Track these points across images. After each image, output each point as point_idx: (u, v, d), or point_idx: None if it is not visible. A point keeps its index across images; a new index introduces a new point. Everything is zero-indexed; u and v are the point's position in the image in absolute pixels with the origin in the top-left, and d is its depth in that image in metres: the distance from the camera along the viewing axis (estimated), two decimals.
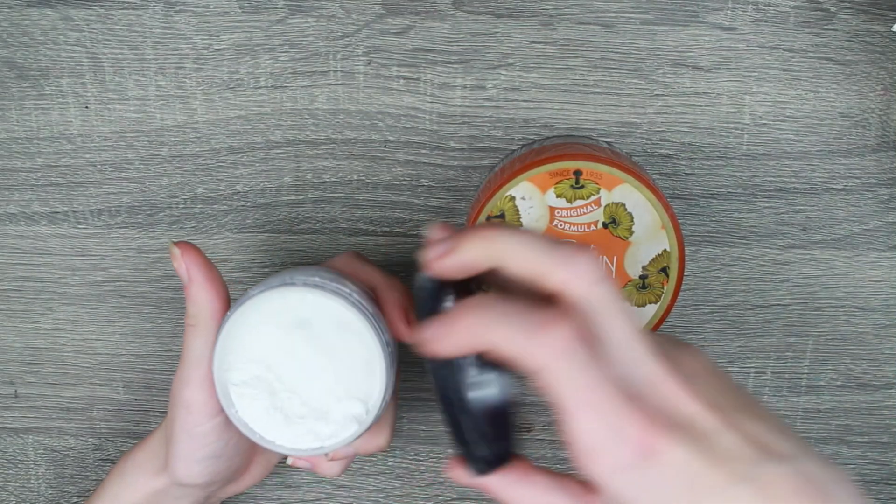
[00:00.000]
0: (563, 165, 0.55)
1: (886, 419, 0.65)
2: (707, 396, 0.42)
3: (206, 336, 0.54)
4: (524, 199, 0.56)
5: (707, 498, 0.41)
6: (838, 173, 0.62)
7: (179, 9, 0.60)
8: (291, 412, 0.53)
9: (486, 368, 0.46)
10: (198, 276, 0.54)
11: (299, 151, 0.62)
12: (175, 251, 0.54)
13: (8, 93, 0.62)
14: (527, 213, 0.56)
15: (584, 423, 0.41)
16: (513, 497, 0.46)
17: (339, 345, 0.52)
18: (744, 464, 0.41)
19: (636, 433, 0.41)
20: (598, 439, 0.41)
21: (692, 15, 0.60)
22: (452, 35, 0.60)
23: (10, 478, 0.68)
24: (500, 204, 0.56)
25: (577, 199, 0.56)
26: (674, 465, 0.41)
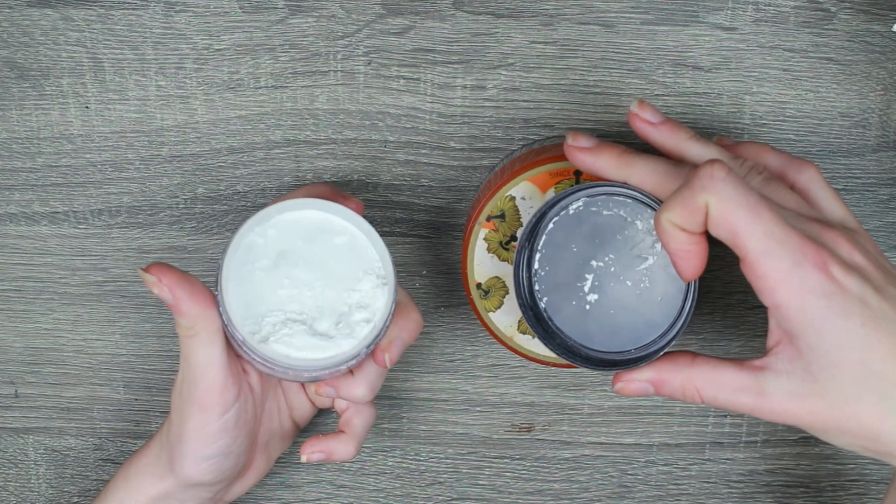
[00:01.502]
0: (564, 165, 0.55)
1: None
2: (872, 257, 0.50)
3: (209, 340, 0.54)
4: (524, 199, 0.56)
5: (886, 324, 0.48)
6: (838, 173, 0.62)
7: (180, 9, 0.60)
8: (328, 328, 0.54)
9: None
10: (182, 293, 0.54)
11: (299, 151, 0.62)
12: (150, 278, 0.54)
13: (8, 93, 0.62)
14: (527, 214, 0.56)
15: (771, 259, 0.48)
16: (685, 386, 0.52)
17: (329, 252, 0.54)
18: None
19: (820, 261, 0.48)
20: (786, 268, 0.48)
21: (692, 15, 0.60)
22: (452, 35, 0.60)
23: (10, 478, 0.68)
24: (501, 204, 0.56)
25: None
26: (853, 295, 0.48)
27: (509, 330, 0.58)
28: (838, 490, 0.66)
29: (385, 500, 0.67)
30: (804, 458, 0.66)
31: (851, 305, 0.48)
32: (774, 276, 0.48)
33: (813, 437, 0.65)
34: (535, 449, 0.66)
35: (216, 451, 0.56)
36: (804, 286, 0.48)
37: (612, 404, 0.65)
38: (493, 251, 0.57)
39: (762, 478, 0.66)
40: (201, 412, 0.55)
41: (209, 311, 0.54)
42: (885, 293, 0.49)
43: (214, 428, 0.55)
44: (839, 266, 0.48)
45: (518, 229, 0.56)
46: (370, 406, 0.58)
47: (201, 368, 0.54)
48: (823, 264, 0.48)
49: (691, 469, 0.66)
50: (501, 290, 0.57)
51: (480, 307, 0.58)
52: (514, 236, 0.56)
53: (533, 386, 0.65)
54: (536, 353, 0.58)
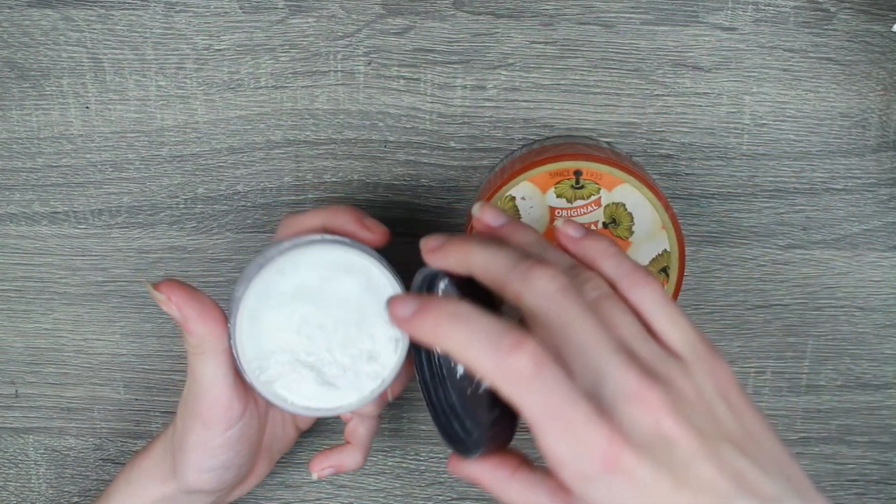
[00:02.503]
0: (564, 165, 0.55)
1: (886, 419, 0.65)
2: (692, 420, 0.42)
3: (216, 359, 0.54)
4: (524, 199, 0.56)
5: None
6: (838, 173, 0.62)
7: (180, 9, 0.60)
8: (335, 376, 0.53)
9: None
10: (191, 312, 0.53)
11: (299, 151, 0.62)
12: (160, 296, 0.53)
13: (9, 93, 0.62)
14: (527, 214, 0.56)
15: (551, 438, 0.42)
16: (500, 490, 0.47)
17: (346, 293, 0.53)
18: (713, 496, 0.40)
19: (601, 448, 0.41)
20: (565, 452, 0.42)
21: (692, 15, 0.60)
22: (452, 35, 0.60)
23: (10, 478, 0.68)
24: (501, 204, 0.56)
25: (578, 199, 0.56)
26: (639, 482, 0.41)
27: None
28: (839, 490, 0.66)
29: (385, 500, 0.67)
30: (804, 458, 0.66)
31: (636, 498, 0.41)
32: (554, 459, 0.42)
33: (813, 437, 0.66)
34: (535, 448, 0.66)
35: (218, 464, 0.56)
36: (584, 477, 0.42)
37: None
38: None
39: None
40: (205, 428, 0.55)
41: (217, 331, 0.54)
42: (689, 470, 0.41)
43: (217, 443, 0.55)
44: (630, 451, 0.41)
45: None
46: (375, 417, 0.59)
47: (206, 385, 0.54)
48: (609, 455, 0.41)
49: None
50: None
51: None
52: None
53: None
54: None
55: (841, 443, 0.66)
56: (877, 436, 0.65)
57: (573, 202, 0.56)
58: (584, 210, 0.56)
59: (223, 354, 0.54)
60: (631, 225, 0.56)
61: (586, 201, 0.56)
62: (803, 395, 0.65)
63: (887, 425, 0.65)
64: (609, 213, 0.56)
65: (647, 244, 0.56)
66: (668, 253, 0.56)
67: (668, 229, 0.56)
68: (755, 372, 0.65)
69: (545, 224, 0.56)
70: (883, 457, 0.66)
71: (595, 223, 0.56)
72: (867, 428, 0.65)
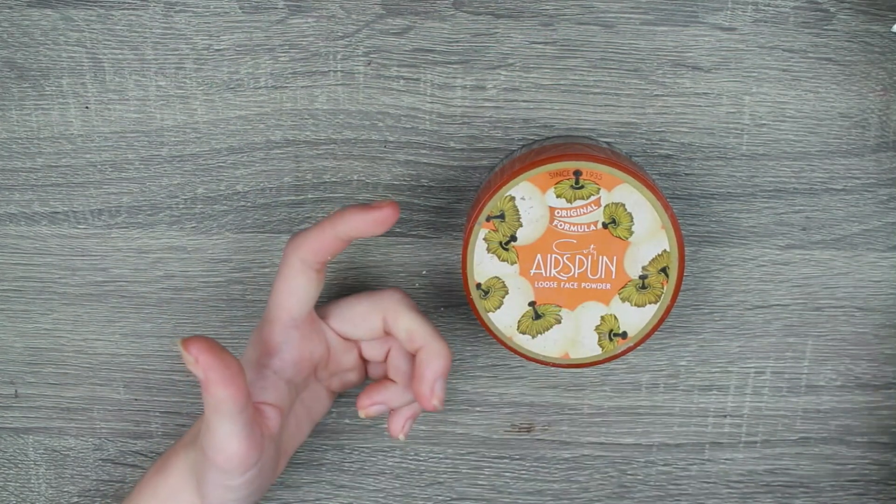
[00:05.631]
0: (563, 165, 0.55)
1: (886, 419, 0.65)
2: None
3: (232, 419, 0.54)
4: (524, 199, 0.56)
5: None
6: (838, 173, 0.62)
7: (179, 9, 0.60)
8: None
9: None
10: (216, 376, 0.53)
11: (299, 151, 0.62)
12: (188, 357, 0.53)
13: (8, 93, 0.62)
14: (527, 214, 0.56)
15: None
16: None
17: None
18: None
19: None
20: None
21: (692, 15, 0.60)
22: (452, 35, 0.60)
23: (10, 478, 0.68)
24: (500, 204, 0.56)
25: (577, 200, 0.56)
26: None
27: (509, 330, 0.58)
28: (838, 490, 0.66)
29: (385, 500, 0.67)
30: (804, 458, 0.66)
31: None
32: None
33: (812, 438, 0.66)
34: (535, 449, 0.66)
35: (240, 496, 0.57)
36: None
37: (612, 404, 0.65)
38: (493, 251, 0.57)
39: (762, 478, 0.66)
40: (223, 474, 0.55)
41: (238, 396, 0.53)
42: None
43: (237, 483, 0.56)
44: None
45: (518, 229, 0.56)
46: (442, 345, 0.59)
47: (223, 441, 0.54)
48: None
49: (691, 469, 0.66)
50: (501, 290, 0.57)
51: (480, 307, 0.58)
52: (514, 236, 0.57)
53: (533, 386, 0.65)
54: (536, 353, 0.58)
55: (841, 443, 0.66)
56: (876, 436, 0.65)
57: (573, 202, 0.56)
58: (584, 210, 0.56)
59: (240, 414, 0.54)
60: (630, 225, 0.56)
61: (586, 201, 0.56)
62: (803, 395, 0.65)
63: (887, 425, 0.65)
64: (609, 213, 0.56)
65: (647, 244, 0.56)
66: (668, 253, 0.56)
67: (668, 229, 0.56)
68: (755, 372, 0.65)
69: (545, 224, 0.56)
70: (883, 457, 0.66)
71: (595, 223, 0.56)
72: (867, 428, 0.65)
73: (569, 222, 0.56)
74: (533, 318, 0.58)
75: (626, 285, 0.57)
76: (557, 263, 0.57)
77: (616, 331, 0.58)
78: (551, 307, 0.57)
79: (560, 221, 0.56)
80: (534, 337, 0.58)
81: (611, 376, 0.65)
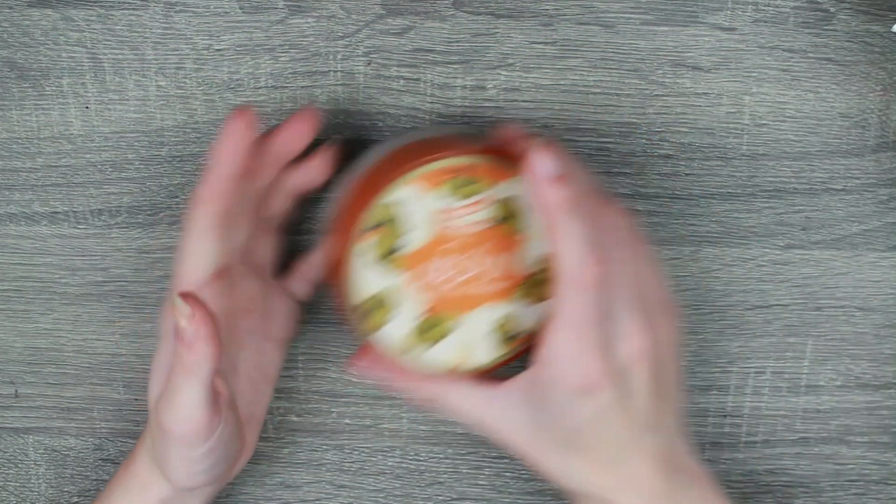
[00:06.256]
0: (449, 163, 0.52)
1: (886, 419, 0.65)
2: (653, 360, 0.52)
3: (202, 383, 0.53)
4: (407, 202, 0.52)
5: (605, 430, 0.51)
6: (838, 173, 0.62)
7: (179, 9, 0.60)
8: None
9: None
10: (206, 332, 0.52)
11: None
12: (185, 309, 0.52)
13: (8, 93, 0.62)
14: (411, 219, 0.52)
15: (562, 342, 0.50)
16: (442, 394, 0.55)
17: None
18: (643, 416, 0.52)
19: (594, 374, 0.50)
20: (565, 360, 0.50)
21: (692, 15, 0.60)
22: (452, 35, 0.60)
23: (10, 478, 0.68)
24: (381, 211, 0.52)
25: (466, 197, 0.52)
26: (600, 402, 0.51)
27: (399, 346, 0.54)
28: (838, 490, 0.66)
29: (385, 500, 0.67)
30: (804, 458, 0.66)
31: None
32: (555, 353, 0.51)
33: (812, 438, 0.66)
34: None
35: (207, 466, 0.56)
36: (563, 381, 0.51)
37: None
38: (377, 264, 0.53)
39: (762, 478, 0.66)
40: (187, 447, 0.55)
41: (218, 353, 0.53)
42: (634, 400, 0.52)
43: (200, 453, 0.55)
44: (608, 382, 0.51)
45: (402, 236, 0.52)
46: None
47: (187, 409, 0.53)
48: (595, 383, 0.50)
49: None
50: (389, 304, 0.53)
51: (365, 328, 0.54)
52: (399, 244, 0.52)
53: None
54: (430, 365, 0.54)
55: (840, 443, 0.66)
56: (876, 436, 0.65)
57: (462, 200, 0.52)
58: (474, 208, 0.52)
59: (209, 378, 0.53)
60: (523, 220, 0.53)
61: (475, 198, 0.52)
62: (803, 395, 0.65)
63: (887, 425, 0.65)
64: (501, 209, 0.53)
65: (541, 237, 0.53)
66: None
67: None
68: (755, 372, 0.65)
69: (433, 227, 0.52)
70: (883, 457, 0.66)
71: (487, 221, 0.53)
72: (867, 428, 0.65)
73: (457, 223, 0.53)
74: (425, 329, 0.54)
75: (520, 284, 0.54)
76: (448, 267, 0.53)
77: (512, 331, 0.54)
78: (444, 314, 0.53)
79: (448, 223, 0.53)
80: (427, 349, 0.54)
81: None
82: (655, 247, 0.63)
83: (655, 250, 0.61)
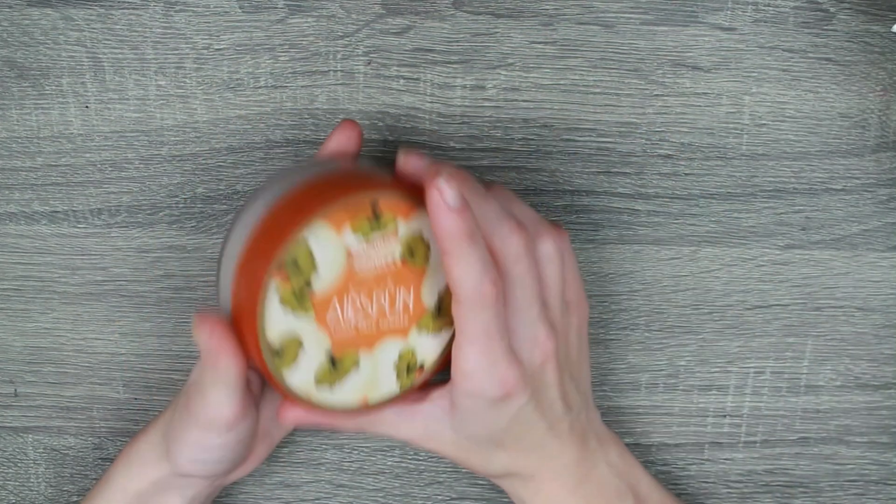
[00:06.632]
0: (357, 200, 0.51)
1: (886, 419, 0.65)
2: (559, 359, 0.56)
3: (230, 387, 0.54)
4: (319, 240, 0.51)
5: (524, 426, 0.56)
6: (837, 173, 0.62)
7: (179, 9, 0.60)
8: None
9: None
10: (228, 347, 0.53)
11: (299, 151, 0.62)
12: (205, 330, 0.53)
13: (8, 92, 0.62)
14: (322, 257, 0.51)
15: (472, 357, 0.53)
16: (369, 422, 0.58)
17: None
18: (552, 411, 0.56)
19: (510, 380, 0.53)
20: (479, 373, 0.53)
21: (692, 15, 0.60)
22: (452, 35, 0.60)
23: (9, 477, 0.68)
24: (293, 250, 0.51)
25: (375, 234, 0.52)
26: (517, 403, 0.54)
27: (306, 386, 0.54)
28: (837, 490, 0.66)
29: (384, 499, 0.67)
30: (803, 458, 0.66)
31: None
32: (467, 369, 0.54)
33: (812, 438, 0.66)
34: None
35: (213, 458, 0.57)
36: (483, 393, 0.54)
37: (612, 404, 0.65)
38: (287, 303, 0.52)
39: (761, 478, 0.66)
40: (204, 431, 0.56)
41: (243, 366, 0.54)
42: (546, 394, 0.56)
43: (215, 443, 0.56)
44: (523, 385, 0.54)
45: (312, 275, 0.51)
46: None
47: (214, 403, 0.55)
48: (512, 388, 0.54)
49: (690, 469, 0.66)
50: (296, 345, 0.53)
51: (273, 369, 0.53)
52: (309, 284, 0.52)
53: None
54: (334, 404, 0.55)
55: (840, 443, 0.66)
56: (876, 436, 0.66)
57: (370, 239, 0.52)
58: (382, 246, 0.52)
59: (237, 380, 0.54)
60: (427, 253, 0.53)
61: (383, 234, 0.52)
62: (802, 395, 0.65)
63: (886, 425, 0.65)
64: (406, 244, 0.53)
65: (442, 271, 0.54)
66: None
67: None
68: (754, 372, 0.65)
69: (342, 266, 0.52)
70: (882, 457, 0.66)
71: (393, 259, 0.53)
72: (866, 428, 0.65)
73: (366, 260, 0.52)
74: (331, 369, 0.54)
75: (423, 315, 0.54)
76: (356, 305, 0.53)
77: (413, 364, 0.55)
78: (349, 352, 0.53)
79: (357, 260, 0.52)
80: (332, 387, 0.54)
81: (610, 376, 0.65)
82: (647, 245, 0.63)
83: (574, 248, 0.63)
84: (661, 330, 0.64)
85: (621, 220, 0.63)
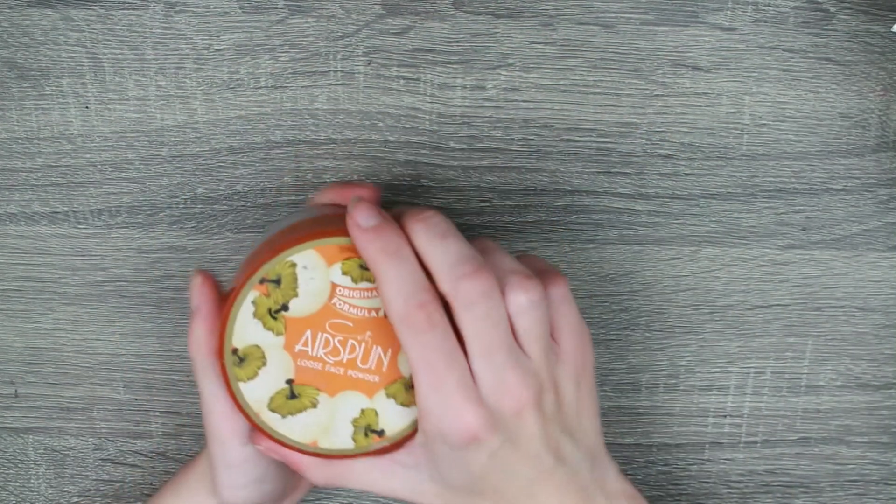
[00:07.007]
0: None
1: (886, 419, 0.65)
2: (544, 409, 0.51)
3: (209, 376, 0.54)
4: (306, 268, 0.51)
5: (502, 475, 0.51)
6: (838, 173, 0.62)
7: (179, 9, 0.60)
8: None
9: None
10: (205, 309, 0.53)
11: (299, 151, 0.62)
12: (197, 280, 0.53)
13: (8, 93, 0.62)
14: (305, 284, 0.51)
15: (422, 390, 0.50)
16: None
17: None
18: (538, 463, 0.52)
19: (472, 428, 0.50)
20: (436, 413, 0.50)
21: (692, 15, 0.60)
22: (452, 35, 0.60)
23: (10, 477, 0.68)
24: (279, 268, 0.51)
25: (364, 281, 0.52)
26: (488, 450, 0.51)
27: (258, 405, 0.53)
28: (838, 490, 0.66)
29: (384, 499, 0.67)
30: (804, 458, 0.66)
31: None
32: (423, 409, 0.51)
33: (812, 438, 0.66)
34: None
35: (249, 480, 0.56)
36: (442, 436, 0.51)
37: (612, 404, 0.65)
38: (260, 317, 0.52)
39: (762, 478, 0.66)
40: (221, 445, 0.55)
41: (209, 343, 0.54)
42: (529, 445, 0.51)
43: (236, 458, 0.55)
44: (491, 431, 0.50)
45: (292, 299, 0.51)
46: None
47: (210, 402, 0.55)
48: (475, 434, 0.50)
49: (690, 469, 0.66)
50: (259, 360, 0.52)
51: (231, 374, 0.52)
52: (286, 306, 0.52)
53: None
54: (281, 434, 0.53)
55: (840, 443, 0.66)
56: (876, 436, 0.65)
57: (358, 283, 0.52)
58: (369, 294, 0.52)
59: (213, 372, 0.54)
60: None
61: (372, 284, 0.52)
62: (803, 395, 0.65)
63: (887, 425, 0.65)
64: None
65: None
66: None
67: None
68: (755, 372, 0.65)
69: (323, 300, 0.52)
70: (883, 457, 0.66)
71: (377, 309, 0.52)
72: (867, 428, 0.65)
73: (349, 303, 0.52)
74: (287, 397, 0.53)
75: (395, 382, 0.52)
76: (327, 344, 0.52)
77: (374, 427, 0.53)
78: (310, 389, 0.52)
79: (340, 300, 0.52)
80: (283, 417, 0.53)
81: (611, 376, 0.65)
82: (645, 247, 0.63)
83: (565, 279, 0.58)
84: (661, 330, 0.64)
85: (621, 221, 0.63)
